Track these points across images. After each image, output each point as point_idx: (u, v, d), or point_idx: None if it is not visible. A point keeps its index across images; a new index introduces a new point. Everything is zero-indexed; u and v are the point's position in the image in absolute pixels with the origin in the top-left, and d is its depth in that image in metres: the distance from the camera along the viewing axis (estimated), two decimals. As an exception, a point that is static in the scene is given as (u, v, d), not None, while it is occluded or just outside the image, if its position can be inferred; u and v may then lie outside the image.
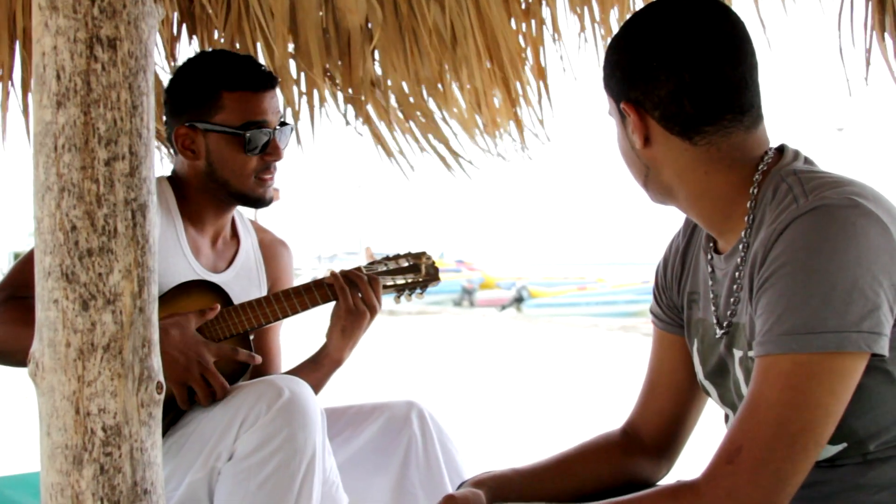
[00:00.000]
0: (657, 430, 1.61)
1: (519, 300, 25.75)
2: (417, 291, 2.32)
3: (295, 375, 2.10)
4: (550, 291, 27.01)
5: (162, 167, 2.73)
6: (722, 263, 1.44)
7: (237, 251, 2.26)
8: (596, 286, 28.71)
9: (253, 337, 2.17)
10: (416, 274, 2.30)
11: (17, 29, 2.69)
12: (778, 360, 1.22)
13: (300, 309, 2.15)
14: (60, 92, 1.12)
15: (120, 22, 1.14)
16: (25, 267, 2.00)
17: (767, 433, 1.21)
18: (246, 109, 2.11)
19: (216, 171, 2.13)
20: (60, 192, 1.13)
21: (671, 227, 1.64)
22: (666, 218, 1.59)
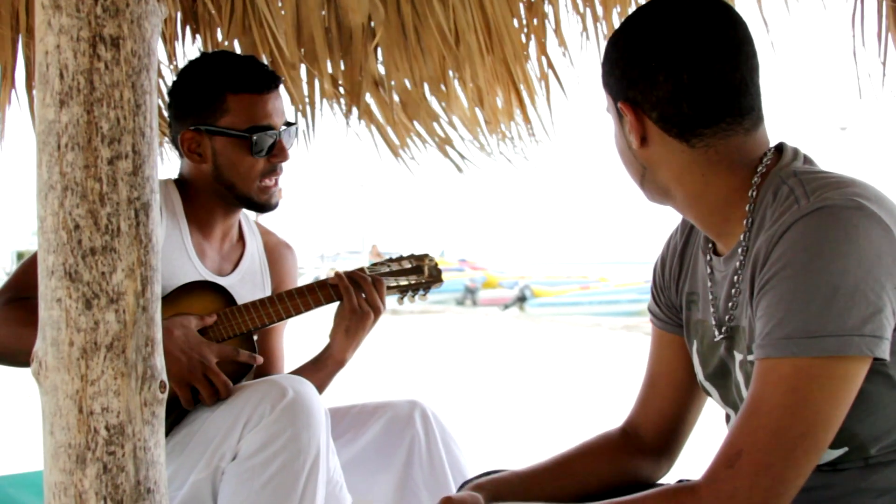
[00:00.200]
0: (657, 429, 1.61)
1: (522, 299, 25.73)
2: (420, 293, 2.32)
3: (298, 376, 2.10)
4: (553, 291, 26.98)
5: (162, 164, 2.72)
6: (721, 265, 1.43)
7: (242, 254, 2.26)
8: (599, 285, 28.68)
9: (257, 337, 2.17)
10: (418, 275, 2.30)
11: (20, 27, 2.69)
12: (778, 363, 1.22)
13: (304, 309, 2.15)
14: (63, 91, 1.12)
15: (123, 21, 1.14)
16: (29, 268, 2.00)
17: (768, 437, 1.21)
18: (251, 111, 2.10)
19: (222, 174, 2.12)
20: (63, 190, 1.13)
21: (674, 226, 1.63)
22: (668, 217, 1.58)
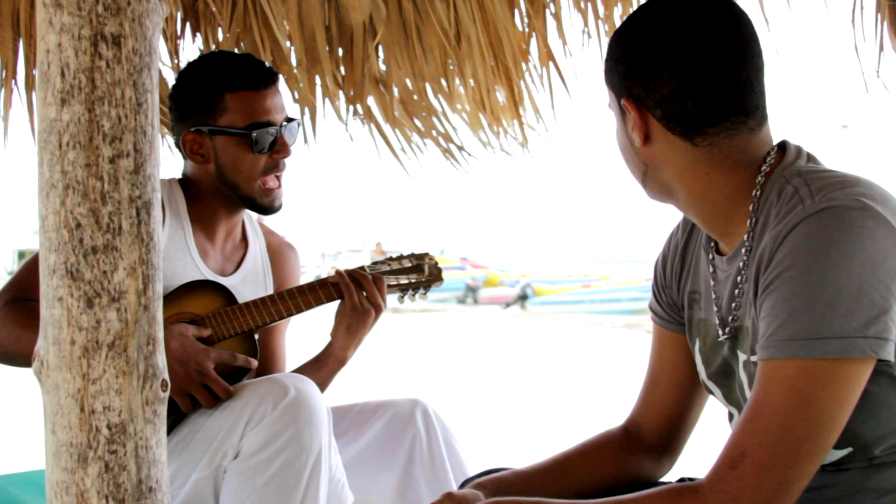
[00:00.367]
0: (658, 427, 1.60)
1: (523, 298, 25.71)
2: (421, 292, 2.32)
3: (300, 374, 2.09)
4: (554, 289, 26.96)
5: (162, 163, 2.72)
6: (724, 265, 1.42)
7: (245, 254, 2.26)
8: (600, 284, 28.63)
9: (258, 336, 2.17)
10: (419, 274, 2.30)
11: (20, 26, 2.69)
12: (782, 364, 1.21)
13: (304, 307, 2.15)
14: (65, 89, 1.12)
15: (124, 19, 1.14)
16: (31, 269, 2.00)
17: (771, 439, 1.20)
18: (250, 109, 2.10)
19: (225, 174, 2.12)
20: (65, 189, 1.12)
21: (674, 224, 1.62)
22: (670, 216, 1.57)
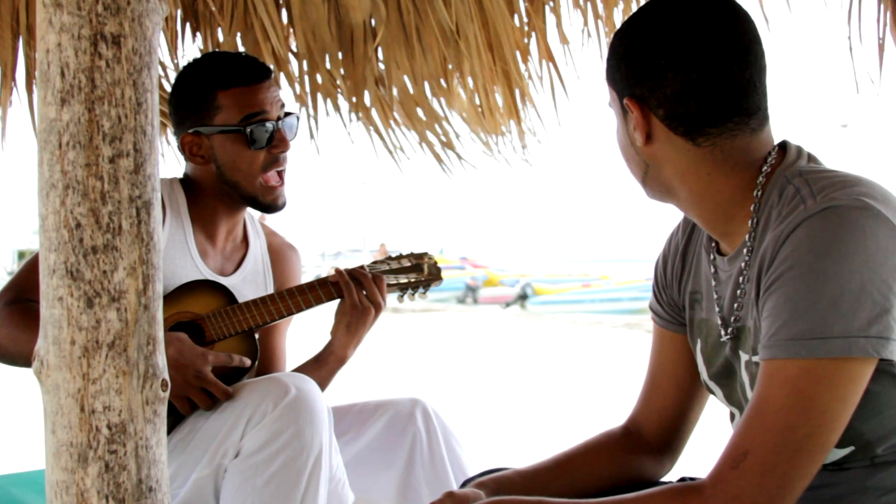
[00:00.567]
0: (659, 427, 1.60)
1: (523, 297, 25.72)
2: (420, 291, 2.32)
3: (300, 373, 2.09)
4: (554, 288, 26.96)
5: (164, 162, 2.72)
6: (725, 265, 1.42)
7: (245, 255, 2.26)
8: (600, 283, 28.64)
9: (258, 335, 2.17)
10: (418, 273, 2.30)
11: (20, 26, 2.69)
12: (784, 364, 1.21)
13: (304, 307, 2.15)
14: (65, 89, 1.12)
15: (124, 19, 1.14)
16: (31, 269, 2.00)
17: (773, 438, 1.20)
18: (243, 104, 2.10)
19: (226, 173, 2.12)
20: (65, 189, 1.12)
21: (675, 224, 1.62)
22: (670, 215, 1.57)
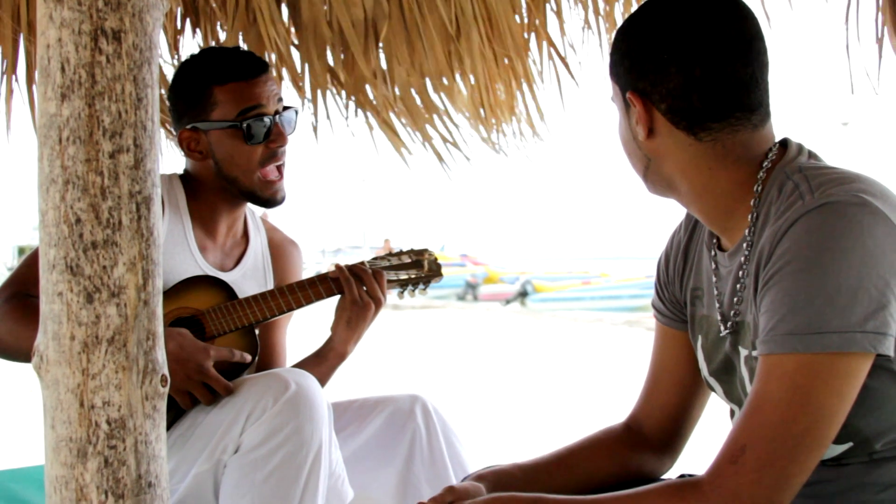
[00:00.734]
0: (660, 425, 1.60)
1: (523, 294, 25.73)
2: (420, 287, 2.32)
3: (300, 369, 2.09)
4: (554, 286, 26.97)
5: (162, 158, 2.72)
6: (726, 261, 1.43)
7: (245, 250, 2.26)
8: (600, 281, 28.65)
9: (258, 331, 2.17)
10: (418, 270, 2.30)
11: (21, 21, 2.69)
12: (782, 359, 1.22)
13: (304, 303, 2.15)
14: (65, 84, 1.12)
15: (125, 14, 1.13)
16: (31, 265, 2.00)
17: (771, 433, 1.21)
18: (239, 99, 2.10)
19: (223, 168, 2.12)
20: (65, 184, 1.12)
21: (676, 221, 1.63)
22: (670, 212, 1.58)
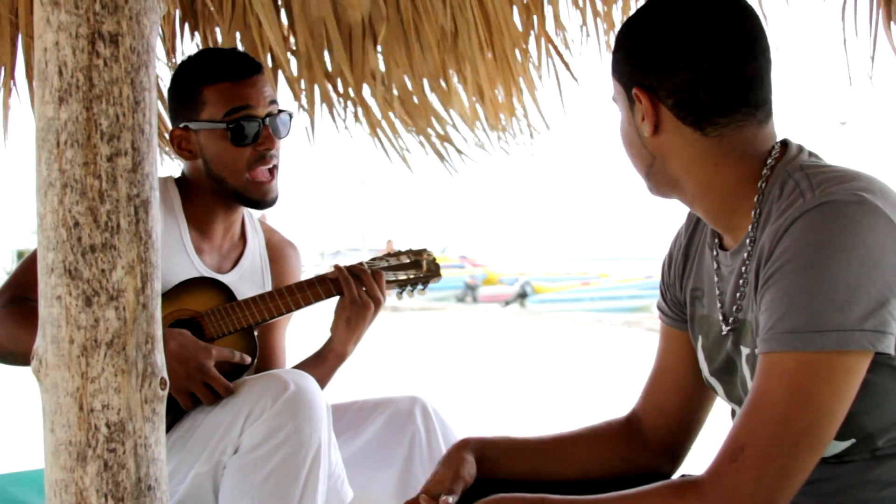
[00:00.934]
0: (657, 424, 1.60)
1: (522, 296, 25.75)
2: (419, 287, 2.32)
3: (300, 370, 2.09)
4: (554, 287, 26.99)
5: (161, 162, 2.72)
6: (728, 260, 1.43)
7: (242, 252, 2.25)
8: (599, 281, 28.68)
9: (257, 332, 2.16)
10: (417, 270, 2.30)
11: (19, 25, 2.69)
12: (781, 357, 1.22)
13: (303, 304, 2.15)
14: (62, 88, 1.12)
15: (122, 17, 1.14)
16: (29, 268, 2.00)
17: (771, 431, 1.21)
18: (227, 99, 2.09)
19: (212, 168, 2.12)
20: (63, 188, 1.12)
21: (675, 222, 1.63)
22: (669, 213, 1.58)
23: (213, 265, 2.17)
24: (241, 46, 2.87)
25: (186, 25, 2.93)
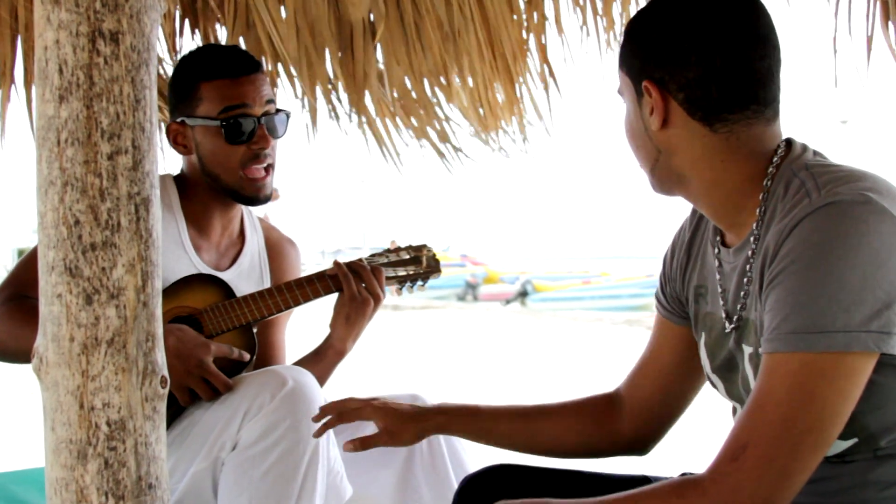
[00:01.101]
0: (634, 406, 1.66)
1: (523, 294, 25.77)
2: (419, 283, 2.31)
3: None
4: (555, 285, 27.01)
5: (163, 159, 2.72)
6: (730, 257, 1.43)
7: (241, 249, 2.25)
8: (600, 280, 28.70)
9: (256, 329, 2.16)
10: (417, 266, 2.30)
11: (19, 23, 2.69)
12: (786, 358, 1.22)
13: (303, 300, 2.15)
14: (63, 86, 1.12)
15: (122, 15, 1.14)
16: (29, 265, 2.00)
17: (773, 431, 1.21)
18: (222, 97, 2.09)
19: (206, 164, 2.12)
20: (63, 186, 1.13)
21: (676, 220, 1.64)
22: (670, 212, 1.58)
23: (211, 262, 2.17)
24: (242, 44, 2.87)
25: (187, 23, 2.93)
